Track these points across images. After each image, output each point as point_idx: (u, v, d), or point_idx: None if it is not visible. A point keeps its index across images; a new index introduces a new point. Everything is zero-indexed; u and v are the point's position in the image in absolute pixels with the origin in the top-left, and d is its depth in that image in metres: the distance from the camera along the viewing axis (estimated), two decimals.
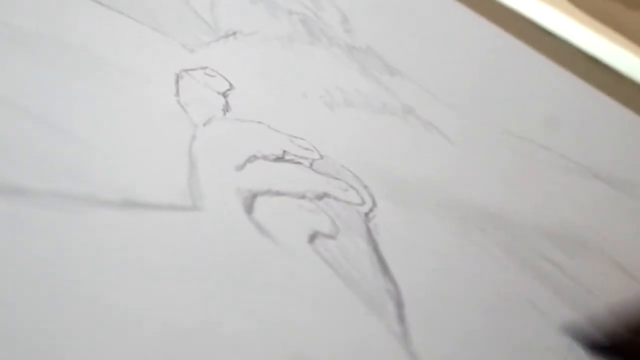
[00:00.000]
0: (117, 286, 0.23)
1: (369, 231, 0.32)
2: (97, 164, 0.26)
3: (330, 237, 0.30)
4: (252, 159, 0.31)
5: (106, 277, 0.23)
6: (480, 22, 0.57)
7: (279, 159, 0.32)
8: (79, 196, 0.25)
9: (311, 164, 0.33)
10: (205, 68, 0.36)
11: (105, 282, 0.23)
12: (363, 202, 0.33)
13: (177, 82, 0.33)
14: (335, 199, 0.32)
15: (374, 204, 0.33)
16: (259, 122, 0.34)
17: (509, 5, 0.60)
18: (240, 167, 0.30)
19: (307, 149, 0.34)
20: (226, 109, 0.34)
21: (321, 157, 0.34)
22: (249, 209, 0.28)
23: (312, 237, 0.29)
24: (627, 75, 0.58)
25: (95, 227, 0.24)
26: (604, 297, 0.36)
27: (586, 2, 0.61)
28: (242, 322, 0.24)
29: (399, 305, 0.29)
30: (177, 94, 0.33)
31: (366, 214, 0.33)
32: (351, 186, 0.34)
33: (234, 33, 0.41)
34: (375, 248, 0.31)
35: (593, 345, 0.33)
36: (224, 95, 0.34)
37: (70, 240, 0.23)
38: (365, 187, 0.34)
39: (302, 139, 0.35)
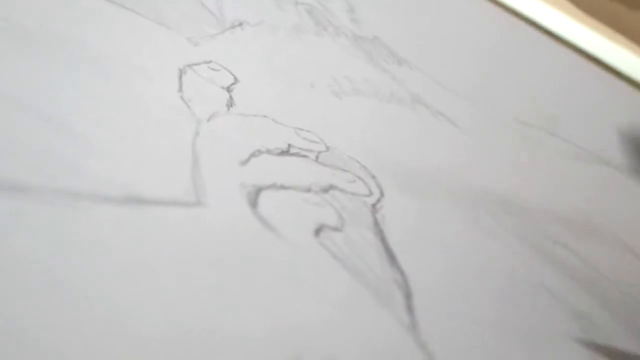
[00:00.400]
0: (121, 282, 0.23)
1: (376, 222, 0.31)
2: (100, 160, 0.27)
3: (337, 229, 0.30)
4: (256, 153, 0.31)
5: (109, 273, 0.23)
6: (487, 11, 0.57)
7: (284, 152, 0.32)
8: (81, 192, 0.25)
9: (317, 157, 0.33)
10: (209, 62, 0.36)
11: (109, 278, 0.23)
12: (370, 193, 0.33)
13: (180, 77, 0.33)
14: (342, 191, 0.32)
15: (382, 194, 0.33)
16: (263, 116, 0.34)
17: (510, 4, 0.60)
18: (245, 162, 0.30)
19: (313, 141, 0.34)
20: (230, 103, 0.34)
21: (327, 148, 0.34)
22: (253, 203, 0.28)
23: (318, 230, 0.29)
24: (629, 75, 0.58)
25: (98, 223, 0.24)
26: (619, 282, 0.36)
27: (587, 2, 0.60)
28: (248, 316, 0.24)
29: (408, 295, 0.29)
30: (180, 89, 0.33)
31: (373, 205, 0.32)
32: (358, 177, 0.33)
33: (240, 24, 0.41)
34: (383, 239, 0.31)
35: None
36: (228, 89, 0.34)
37: (73, 236, 0.23)
38: (373, 177, 0.34)
39: (308, 131, 0.35)
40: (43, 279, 0.21)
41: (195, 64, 0.35)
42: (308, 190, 0.31)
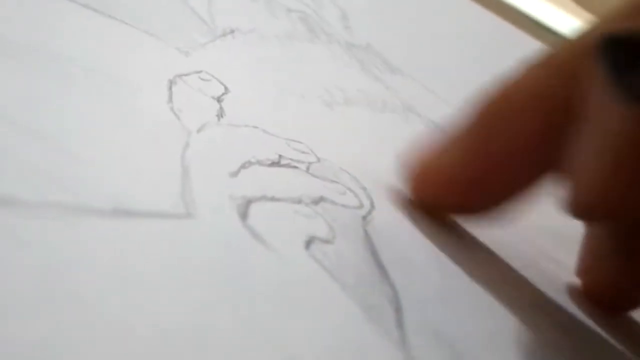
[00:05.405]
0: (110, 295, 0.23)
1: (366, 234, 0.31)
2: (89, 173, 0.26)
3: (327, 242, 0.29)
4: (246, 164, 0.31)
5: (99, 286, 0.23)
6: (484, 17, 0.57)
7: (275, 163, 0.32)
8: (70, 205, 0.25)
9: (308, 168, 0.33)
10: (200, 72, 0.35)
11: (98, 291, 0.23)
12: (361, 205, 0.33)
13: (170, 88, 0.33)
14: (332, 202, 0.32)
15: (372, 206, 0.33)
16: (254, 127, 0.34)
17: (512, 3, 0.60)
18: (235, 174, 0.30)
19: (303, 152, 0.34)
20: (220, 114, 0.33)
21: (318, 160, 0.34)
22: (243, 215, 0.28)
23: (309, 243, 0.29)
24: None
25: (88, 236, 0.24)
26: None
27: (590, 2, 0.60)
28: (238, 329, 0.24)
29: (398, 309, 0.28)
30: (170, 100, 0.32)
31: (364, 217, 0.32)
32: (349, 189, 0.33)
33: (232, 31, 0.41)
34: (374, 252, 0.31)
35: None
36: (219, 100, 0.34)
37: (63, 249, 0.23)
38: (364, 189, 0.34)
39: (299, 142, 0.34)
40: (34, 291, 0.21)
41: (185, 74, 0.34)
42: (299, 201, 0.31)
